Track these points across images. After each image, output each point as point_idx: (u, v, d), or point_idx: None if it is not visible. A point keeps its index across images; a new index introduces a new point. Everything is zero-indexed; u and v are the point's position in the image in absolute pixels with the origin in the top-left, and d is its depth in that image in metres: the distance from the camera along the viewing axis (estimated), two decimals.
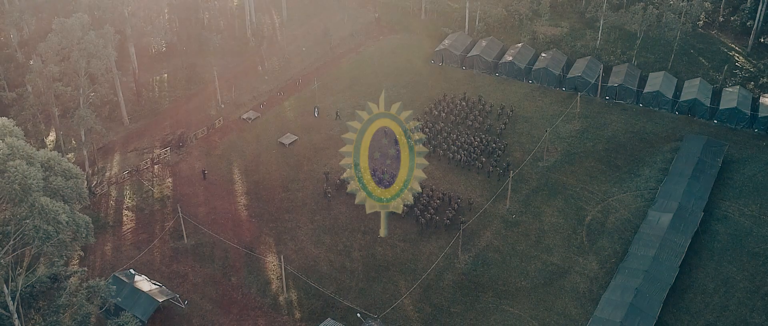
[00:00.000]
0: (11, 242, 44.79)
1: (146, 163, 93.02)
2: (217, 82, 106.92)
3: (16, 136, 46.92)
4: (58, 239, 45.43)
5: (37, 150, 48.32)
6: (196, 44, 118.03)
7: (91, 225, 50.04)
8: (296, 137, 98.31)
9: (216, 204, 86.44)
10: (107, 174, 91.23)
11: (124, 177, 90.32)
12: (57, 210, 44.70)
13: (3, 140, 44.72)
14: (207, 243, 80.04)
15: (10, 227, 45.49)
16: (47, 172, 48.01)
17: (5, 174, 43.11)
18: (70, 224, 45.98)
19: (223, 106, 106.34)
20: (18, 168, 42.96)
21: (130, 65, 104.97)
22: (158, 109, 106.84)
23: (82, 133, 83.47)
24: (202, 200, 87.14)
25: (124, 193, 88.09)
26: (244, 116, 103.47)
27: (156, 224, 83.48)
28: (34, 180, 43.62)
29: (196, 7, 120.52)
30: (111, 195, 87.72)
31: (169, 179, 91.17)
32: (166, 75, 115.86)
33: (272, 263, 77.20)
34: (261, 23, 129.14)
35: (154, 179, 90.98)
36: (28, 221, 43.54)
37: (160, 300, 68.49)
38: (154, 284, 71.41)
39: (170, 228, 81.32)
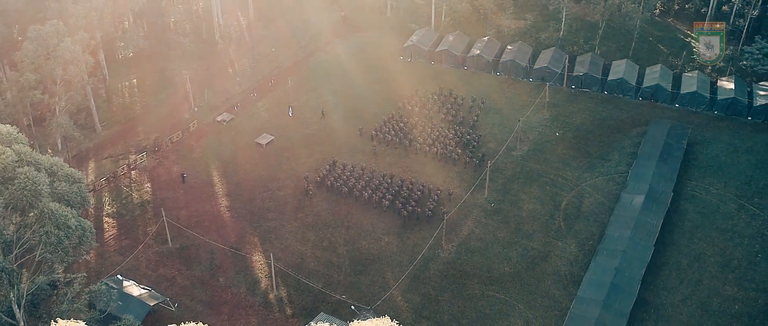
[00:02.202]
0: (15, 251, 44.73)
1: (123, 169, 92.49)
2: (189, 85, 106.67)
3: (21, 143, 46.87)
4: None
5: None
6: (165, 48, 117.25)
7: (93, 229, 50.25)
8: (272, 137, 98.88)
9: (197, 206, 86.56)
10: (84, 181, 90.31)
11: (102, 184, 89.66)
12: (66, 215, 44.88)
13: (10, 147, 44.65)
14: (192, 245, 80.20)
15: (9, 234, 45.38)
16: (51, 178, 48.01)
17: (15, 181, 43.11)
18: (77, 228, 46.23)
19: (196, 109, 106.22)
20: (27, 174, 43.03)
21: (100, 71, 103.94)
22: (130, 114, 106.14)
23: (59, 140, 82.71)
24: (183, 203, 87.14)
25: (104, 200, 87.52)
26: (219, 118, 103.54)
27: (138, 229, 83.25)
28: (43, 186, 43.72)
29: (162, 11, 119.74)
30: (89, 202, 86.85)
31: (148, 184, 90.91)
32: (135, 80, 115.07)
33: (259, 262, 77.87)
34: (228, 25, 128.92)
35: (133, 185, 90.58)
36: (36, 227, 43.52)
37: (151, 304, 68.60)
38: (144, 288, 71.38)
39: (154, 232, 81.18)
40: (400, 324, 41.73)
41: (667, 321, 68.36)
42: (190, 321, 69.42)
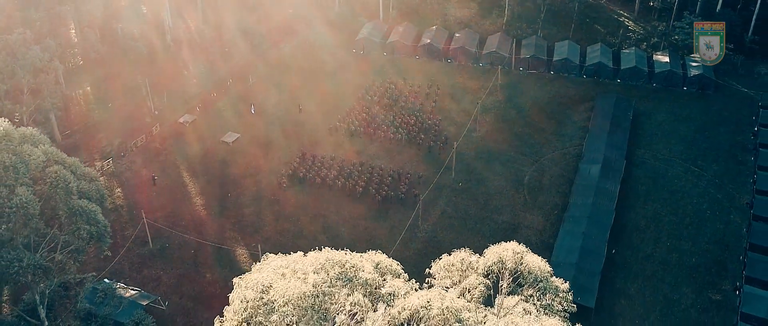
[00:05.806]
0: (38, 254, 45.42)
1: None
2: (147, 89, 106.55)
3: (44, 143, 47.44)
4: (77, 244, 46.51)
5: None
6: (118, 53, 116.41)
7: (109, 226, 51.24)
8: (238, 135, 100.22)
9: (173, 207, 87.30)
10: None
11: None
12: (95, 211, 45.92)
13: (37, 147, 45.29)
14: (172, 245, 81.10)
15: (23, 237, 45.99)
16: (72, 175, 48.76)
17: (46, 180, 43.88)
18: (103, 224, 47.26)
19: (156, 112, 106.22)
20: (58, 173, 43.88)
21: (55, 80, 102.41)
22: (89, 122, 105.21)
23: None
24: (157, 205, 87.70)
25: None
26: (181, 120, 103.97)
27: (115, 234, 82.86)
28: (72, 183, 44.65)
29: (110, 16, 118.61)
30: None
31: (118, 189, 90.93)
32: (89, 88, 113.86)
33: (243, 255, 79.58)
34: (178, 28, 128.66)
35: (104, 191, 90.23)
36: (67, 224, 44.34)
37: (144, 304, 69.48)
38: (133, 289, 72.11)
39: (132, 235, 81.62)
40: (526, 247, 47.08)
41: (634, 278, 74.09)
42: (182, 318, 71.32)
